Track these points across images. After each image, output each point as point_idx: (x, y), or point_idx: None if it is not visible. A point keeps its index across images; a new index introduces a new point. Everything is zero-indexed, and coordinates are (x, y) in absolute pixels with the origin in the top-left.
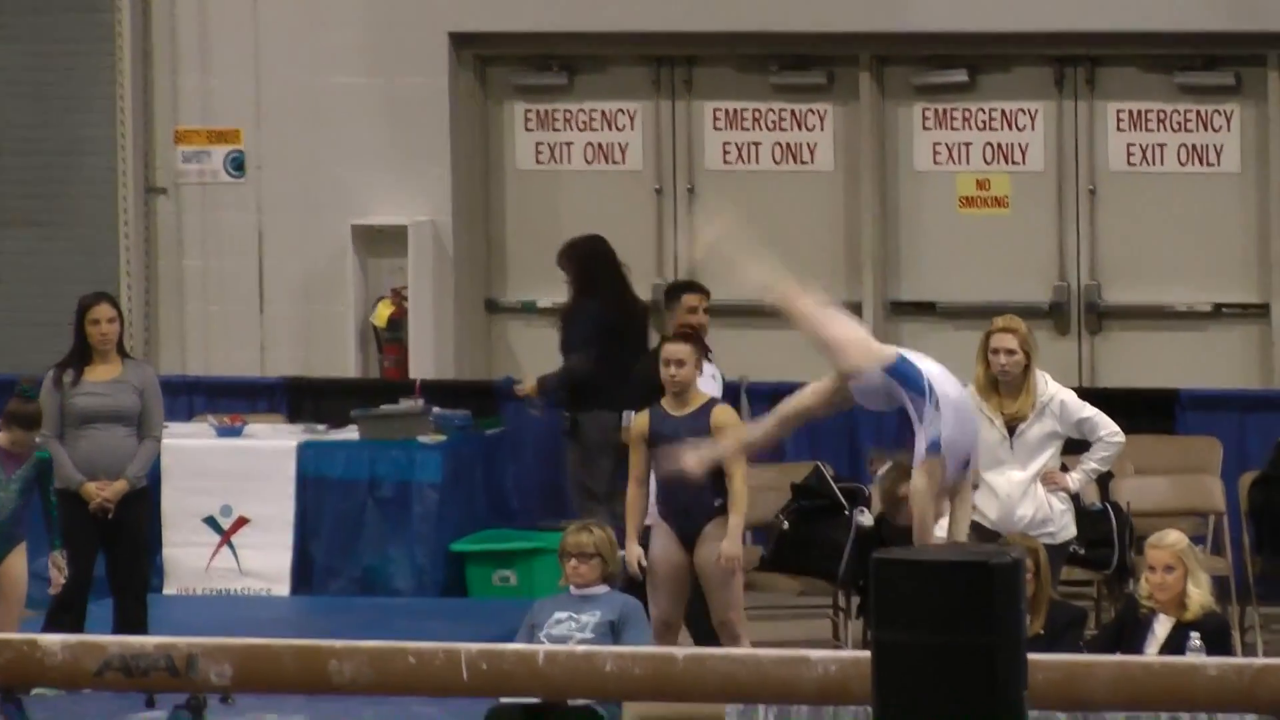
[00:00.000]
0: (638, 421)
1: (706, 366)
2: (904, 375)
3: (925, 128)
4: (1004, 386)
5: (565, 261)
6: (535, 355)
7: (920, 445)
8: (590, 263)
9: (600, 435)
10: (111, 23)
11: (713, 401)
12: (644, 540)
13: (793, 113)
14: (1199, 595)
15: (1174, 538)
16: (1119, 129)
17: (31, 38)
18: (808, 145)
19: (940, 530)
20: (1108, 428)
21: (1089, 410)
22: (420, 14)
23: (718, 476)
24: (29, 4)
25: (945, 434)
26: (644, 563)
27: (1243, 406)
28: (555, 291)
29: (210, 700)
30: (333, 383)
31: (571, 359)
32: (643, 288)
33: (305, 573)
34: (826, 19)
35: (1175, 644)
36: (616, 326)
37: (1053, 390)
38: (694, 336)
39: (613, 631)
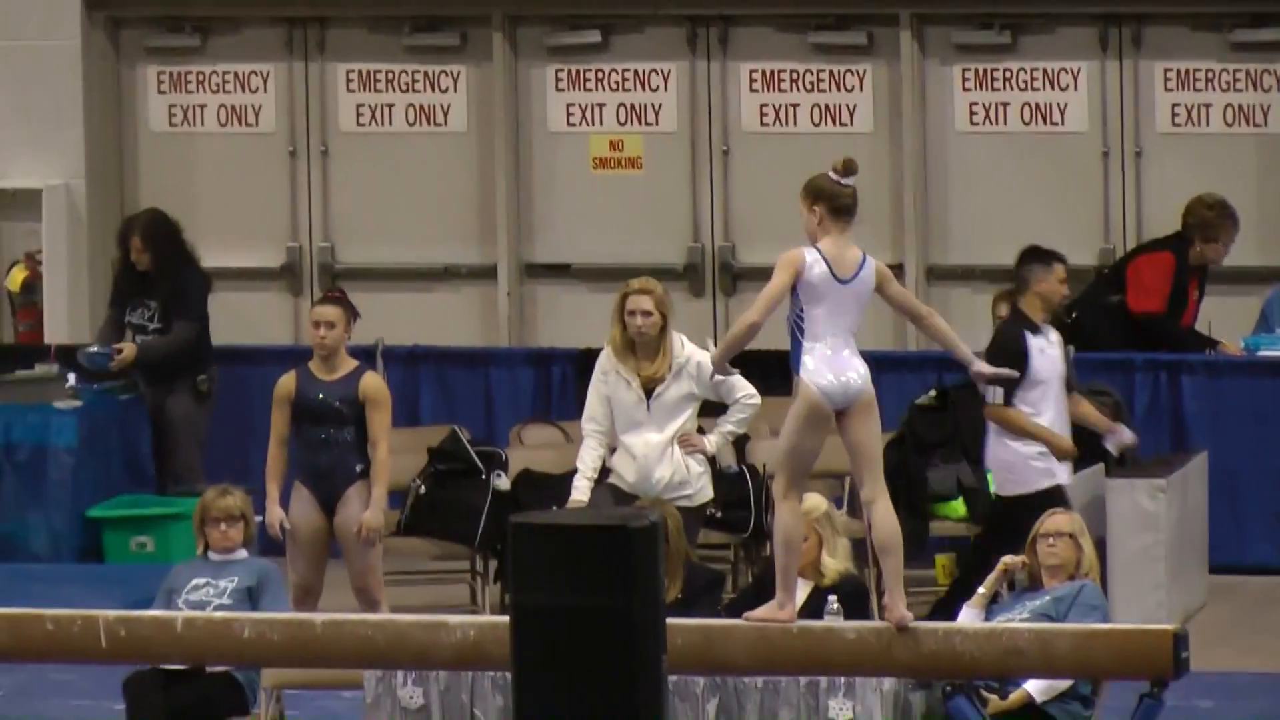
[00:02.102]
0: (283, 383)
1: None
2: None
3: (559, 88)
4: (640, 348)
5: (149, 234)
6: None
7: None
8: (177, 234)
9: (186, 412)
10: None
11: (362, 368)
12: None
13: (426, 74)
14: (834, 564)
15: (810, 504)
16: (752, 89)
17: None
18: (441, 107)
19: None
20: (744, 390)
21: None
22: None
23: (361, 441)
24: None
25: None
26: (286, 525)
27: (876, 367)
28: None
29: None
30: None
31: (181, 328)
32: (276, 251)
33: None
34: None
35: (814, 607)
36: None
37: (689, 351)
38: (343, 299)
39: (250, 597)
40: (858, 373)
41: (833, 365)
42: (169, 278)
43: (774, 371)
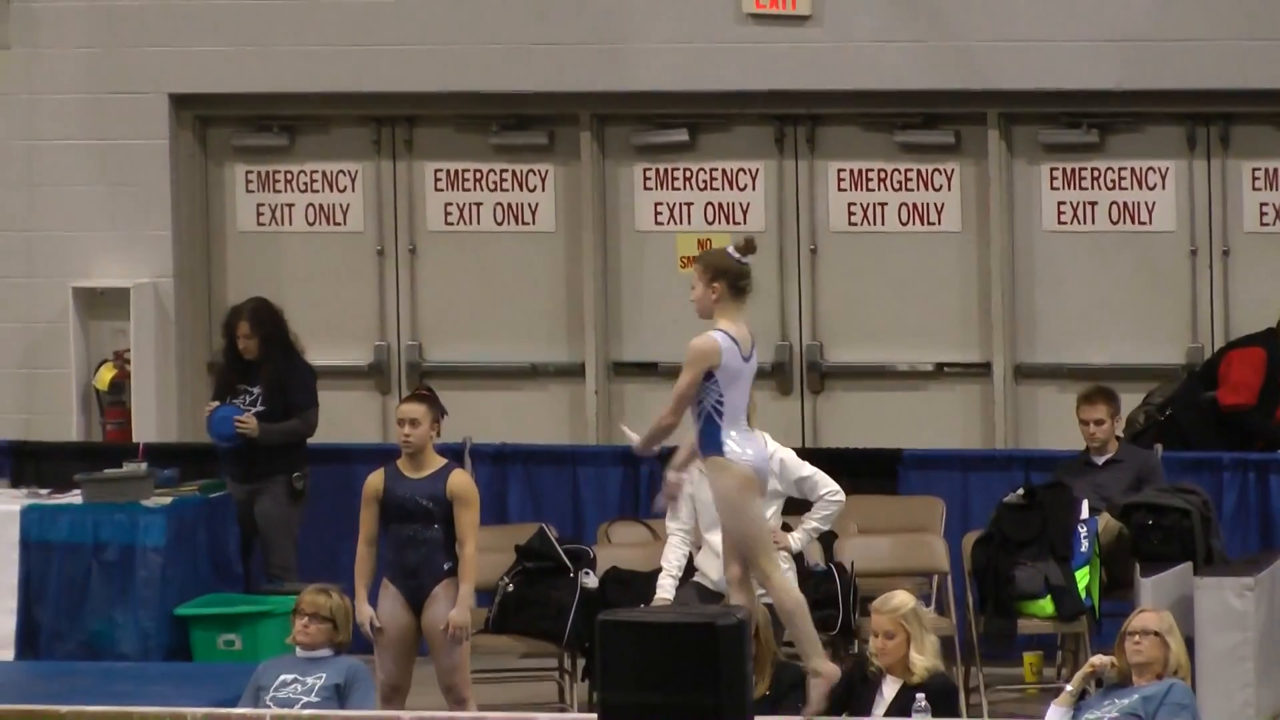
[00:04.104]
0: (371, 481)
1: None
2: None
3: (646, 187)
4: None
5: (257, 319)
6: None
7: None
8: (283, 321)
9: (280, 510)
10: None
11: (450, 466)
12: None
13: (514, 173)
14: (923, 660)
15: (898, 601)
16: (840, 188)
17: None
18: (529, 205)
19: None
20: (828, 486)
21: (808, 469)
22: (140, 75)
23: (449, 539)
24: None
25: None
26: (376, 623)
27: (964, 466)
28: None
29: None
30: (56, 446)
31: (307, 414)
32: (364, 350)
33: (31, 637)
34: (546, 79)
35: (902, 705)
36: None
37: (772, 449)
38: (430, 397)
39: (339, 694)
40: (767, 453)
41: (752, 443)
42: (274, 362)
43: (863, 470)
